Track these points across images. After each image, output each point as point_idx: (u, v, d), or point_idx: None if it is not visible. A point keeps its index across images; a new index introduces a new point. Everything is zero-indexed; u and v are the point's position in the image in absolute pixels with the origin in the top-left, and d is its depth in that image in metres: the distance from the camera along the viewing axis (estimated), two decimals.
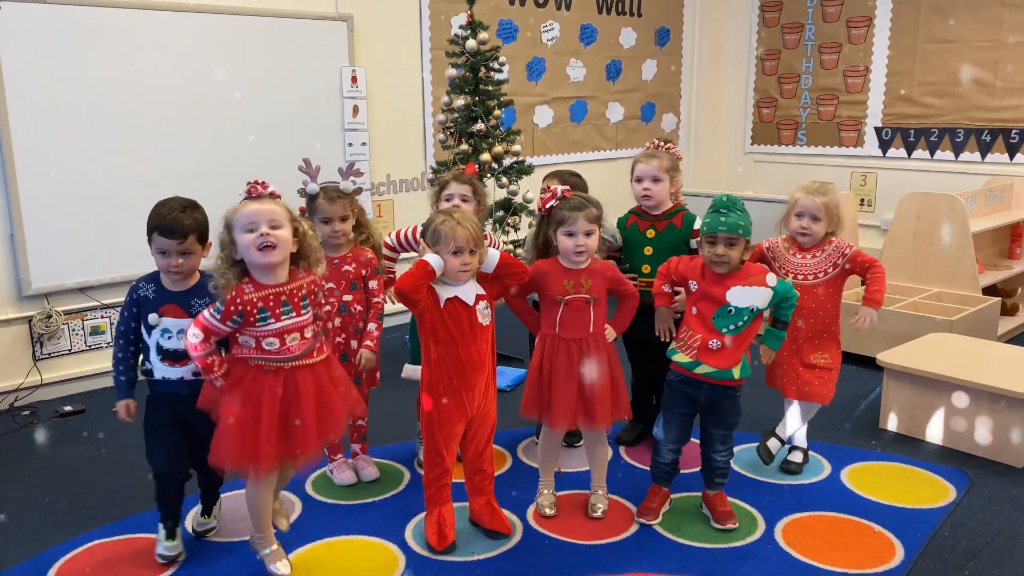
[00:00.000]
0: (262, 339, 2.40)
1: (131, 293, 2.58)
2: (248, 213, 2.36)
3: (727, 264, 2.70)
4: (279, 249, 2.36)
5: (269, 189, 2.43)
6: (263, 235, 2.33)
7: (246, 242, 2.35)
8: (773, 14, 6.89)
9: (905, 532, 2.83)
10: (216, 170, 4.51)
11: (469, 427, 2.72)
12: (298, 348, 2.43)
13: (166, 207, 2.53)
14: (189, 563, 2.70)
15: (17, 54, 3.90)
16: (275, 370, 2.41)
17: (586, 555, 2.72)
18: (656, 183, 3.23)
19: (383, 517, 2.96)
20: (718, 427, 2.83)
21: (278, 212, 2.38)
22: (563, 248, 2.77)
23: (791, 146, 6.93)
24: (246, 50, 4.59)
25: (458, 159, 4.31)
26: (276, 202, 2.41)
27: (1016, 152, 5.73)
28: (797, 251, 3.12)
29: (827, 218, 3.05)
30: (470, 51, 4.26)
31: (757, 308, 2.71)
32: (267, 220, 2.35)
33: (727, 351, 2.71)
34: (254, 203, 2.38)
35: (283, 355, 2.41)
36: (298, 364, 2.43)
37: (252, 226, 2.34)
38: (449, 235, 2.55)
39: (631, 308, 2.89)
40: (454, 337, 2.60)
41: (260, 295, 2.39)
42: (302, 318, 2.45)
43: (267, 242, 2.34)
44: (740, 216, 2.67)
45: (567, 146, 6.39)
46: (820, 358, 3.09)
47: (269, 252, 2.35)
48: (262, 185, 2.42)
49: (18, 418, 3.95)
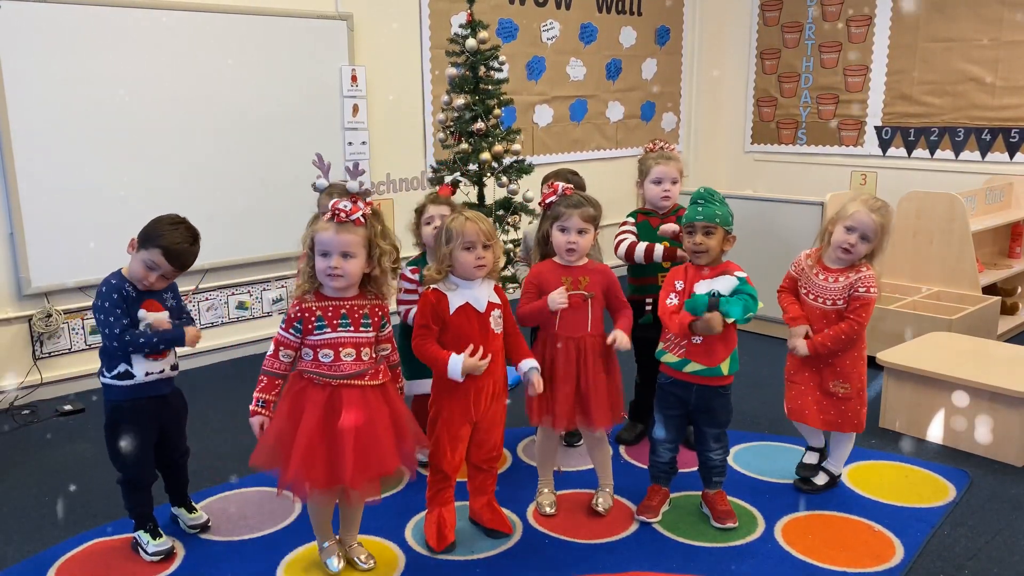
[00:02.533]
0: (318, 350, 2.41)
1: (114, 292, 2.56)
2: (324, 239, 2.37)
3: (706, 254, 2.72)
4: (346, 279, 2.40)
5: (356, 214, 2.37)
6: (332, 267, 2.37)
7: (319, 265, 2.39)
8: (773, 13, 6.89)
9: (905, 531, 2.83)
10: (216, 169, 4.52)
11: (476, 430, 2.72)
12: (351, 367, 2.42)
13: (178, 234, 2.57)
14: (189, 563, 2.70)
15: (17, 53, 3.89)
16: (323, 384, 2.41)
17: (586, 554, 2.72)
18: (675, 185, 3.31)
19: (383, 516, 2.96)
20: (710, 426, 2.83)
21: (353, 242, 2.37)
22: (556, 243, 2.80)
23: (791, 145, 6.93)
24: (246, 49, 4.59)
25: (458, 158, 4.31)
26: (355, 230, 2.37)
27: (1016, 151, 5.73)
28: (821, 270, 2.95)
29: (877, 241, 2.84)
30: (470, 50, 4.26)
31: (718, 292, 2.66)
32: (340, 250, 2.37)
33: (711, 344, 2.71)
34: (332, 230, 2.37)
35: (334, 371, 2.41)
36: (346, 383, 2.42)
37: (326, 252, 2.38)
38: (459, 230, 2.56)
39: (627, 319, 2.85)
40: (462, 341, 2.60)
41: (320, 304, 2.42)
42: (360, 335, 2.44)
43: (335, 272, 2.37)
44: (717, 207, 2.72)
45: (567, 145, 6.39)
46: (840, 387, 2.95)
47: (336, 279, 2.39)
48: (347, 212, 2.36)
49: (18, 417, 3.95)
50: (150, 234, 2.56)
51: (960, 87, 5.89)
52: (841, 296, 2.90)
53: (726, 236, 2.73)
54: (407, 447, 2.51)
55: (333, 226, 2.37)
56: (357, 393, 2.42)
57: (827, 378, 2.97)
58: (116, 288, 2.56)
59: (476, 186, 4.42)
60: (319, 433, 2.37)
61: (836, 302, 2.91)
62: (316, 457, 2.37)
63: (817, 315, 2.95)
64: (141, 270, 2.56)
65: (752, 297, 2.67)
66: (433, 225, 3.07)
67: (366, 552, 2.67)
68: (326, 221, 2.38)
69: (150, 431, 2.67)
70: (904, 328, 4.27)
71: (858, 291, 2.87)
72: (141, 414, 2.63)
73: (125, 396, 2.61)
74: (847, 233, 2.85)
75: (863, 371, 2.99)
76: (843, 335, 2.88)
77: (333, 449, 2.37)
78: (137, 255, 2.58)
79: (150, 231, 2.57)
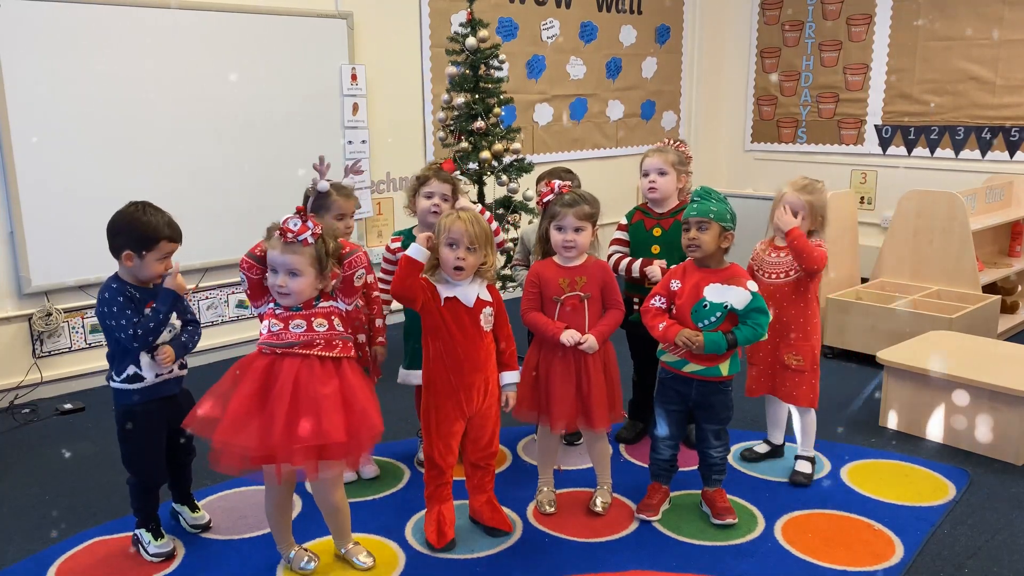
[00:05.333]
0: (271, 320, 2.39)
1: (119, 295, 2.53)
2: (273, 257, 2.36)
3: (700, 248, 2.72)
4: (292, 297, 2.38)
5: (304, 235, 2.33)
6: (279, 285, 2.36)
7: (269, 279, 2.39)
8: (773, 12, 6.89)
9: (905, 530, 2.83)
10: (216, 168, 4.51)
11: (470, 426, 2.72)
12: (297, 336, 2.38)
13: (152, 215, 2.56)
14: (189, 562, 2.70)
15: (17, 52, 3.89)
16: (268, 354, 2.37)
17: (586, 552, 2.72)
18: (662, 176, 3.24)
19: (383, 514, 2.96)
20: (710, 423, 2.84)
21: (299, 262, 2.35)
22: (553, 242, 2.80)
23: (791, 144, 6.93)
24: (246, 48, 4.58)
25: (458, 156, 4.31)
26: (301, 251, 2.33)
27: (1016, 150, 5.73)
28: (772, 250, 3.13)
29: (810, 216, 3.03)
30: (470, 49, 4.26)
31: (731, 306, 2.69)
32: (287, 269, 2.35)
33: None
34: (279, 249, 2.35)
35: (280, 339, 2.37)
36: (289, 351, 2.37)
37: (274, 269, 2.37)
38: (447, 226, 2.55)
39: (615, 320, 2.85)
40: (453, 335, 2.59)
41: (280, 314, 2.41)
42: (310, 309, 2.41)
43: (282, 291, 2.36)
44: (712, 203, 2.72)
45: (567, 144, 6.39)
46: (793, 359, 3.08)
47: (284, 298, 2.38)
48: (294, 232, 2.33)
49: (18, 416, 3.95)
50: (145, 236, 2.53)
51: (960, 86, 5.89)
52: (792, 268, 3.05)
53: (723, 233, 2.73)
54: (355, 421, 2.35)
55: (280, 244, 2.34)
56: (299, 362, 2.36)
57: (781, 351, 3.09)
58: (120, 291, 2.54)
59: (476, 185, 4.43)
60: (254, 400, 2.31)
61: (788, 273, 3.07)
62: (247, 424, 2.28)
63: (772, 291, 3.06)
64: (159, 267, 2.57)
65: (763, 312, 2.71)
66: (433, 201, 3.05)
67: (365, 551, 2.66)
68: (276, 238, 2.35)
69: (161, 432, 2.66)
70: (904, 327, 4.27)
71: None
72: (152, 416, 2.62)
73: (136, 400, 2.60)
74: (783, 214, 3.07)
75: (816, 345, 3.12)
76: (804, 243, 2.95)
77: (266, 417, 2.29)
78: (144, 260, 2.54)
79: (140, 235, 2.52)
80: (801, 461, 3.21)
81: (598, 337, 2.77)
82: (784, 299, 3.07)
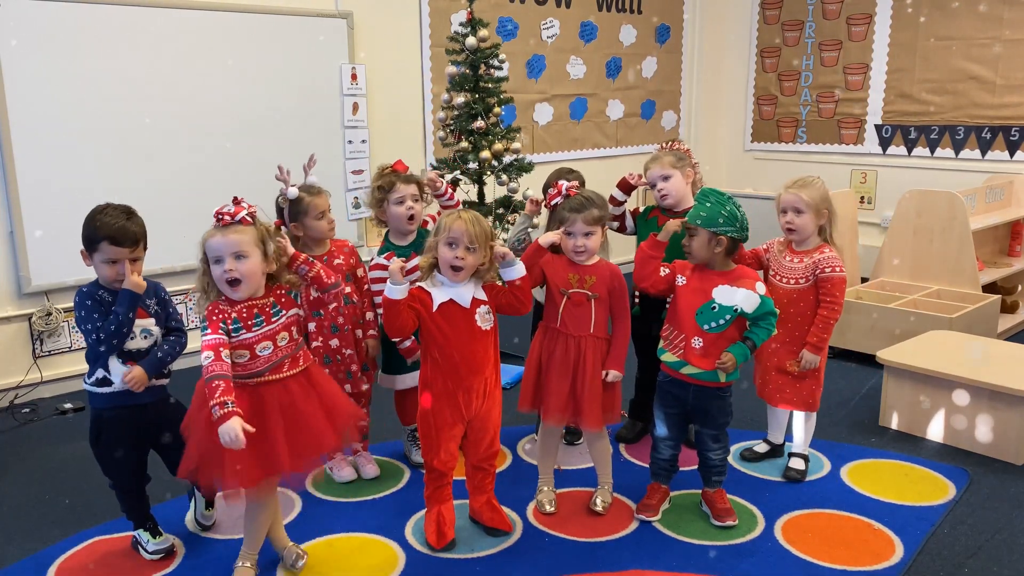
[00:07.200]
0: (234, 352, 2.35)
1: (87, 299, 2.51)
2: (213, 245, 2.33)
3: (691, 255, 2.74)
4: (245, 283, 2.35)
5: (241, 214, 2.33)
6: (227, 270, 2.32)
7: (216, 273, 2.35)
8: (773, 11, 6.88)
9: (905, 529, 2.83)
10: (216, 167, 4.51)
11: (470, 429, 2.71)
12: (268, 360, 2.37)
13: (109, 216, 2.50)
14: (189, 562, 2.70)
15: (17, 52, 3.89)
16: (242, 386, 2.34)
17: (586, 552, 2.72)
18: (667, 181, 3.22)
19: (383, 514, 2.96)
20: (708, 427, 2.83)
21: (243, 242, 2.33)
22: (564, 248, 2.80)
23: (791, 143, 6.93)
24: (246, 47, 4.58)
25: (458, 156, 4.31)
26: (243, 230, 2.33)
27: (1016, 149, 5.73)
28: (789, 253, 3.09)
29: (812, 210, 2.99)
30: (470, 48, 4.26)
31: (741, 310, 2.68)
32: (231, 252, 2.32)
33: (711, 351, 2.70)
34: (219, 233, 2.33)
35: (250, 370, 2.36)
36: (263, 380, 2.37)
37: (218, 257, 2.33)
38: (447, 225, 2.54)
39: (624, 337, 2.84)
40: (449, 339, 2.58)
41: (235, 308, 2.37)
42: (273, 325, 2.40)
43: (231, 277, 2.33)
44: (703, 207, 2.69)
45: (567, 143, 6.39)
46: (795, 365, 3.05)
47: (236, 287, 2.34)
48: (230, 214, 2.33)
49: (18, 415, 3.95)
50: (89, 236, 2.51)
51: (960, 85, 5.89)
52: (804, 275, 3.02)
53: (713, 237, 2.67)
54: (341, 422, 2.45)
55: (219, 230, 2.33)
56: (278, 389, 2.38)
57: (783, 358, 3.07)
58: (89, 295, 2.52)
59: (476, 184, 4.43)
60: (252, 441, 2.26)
61: (799, 281, 3.03)
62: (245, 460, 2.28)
63: (781, 295, 3.03)
64: (106, 270, 2.52)
65: (774, 314, 2.72)
66: (406, 205, 3.04)
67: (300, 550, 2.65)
68: (212, 227, 2.34)
69: (131, 443, 2.61)
70: (904, 326, 4.27)
71: (824, 272, 2.98)
72: (121, 423, 2.57)
73: (105, 404, 2.57)
74: (782, 215, 3.07)
75: (824, 355, 3.08)
76: (825, 321, 2.99)
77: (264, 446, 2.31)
78: (94, 261, 2.53)
79: (87, 233, 2.51)
80: (795, 458, 3.23)
81: (615, 365, 2.81)
82: (792, 305, 3.03)
